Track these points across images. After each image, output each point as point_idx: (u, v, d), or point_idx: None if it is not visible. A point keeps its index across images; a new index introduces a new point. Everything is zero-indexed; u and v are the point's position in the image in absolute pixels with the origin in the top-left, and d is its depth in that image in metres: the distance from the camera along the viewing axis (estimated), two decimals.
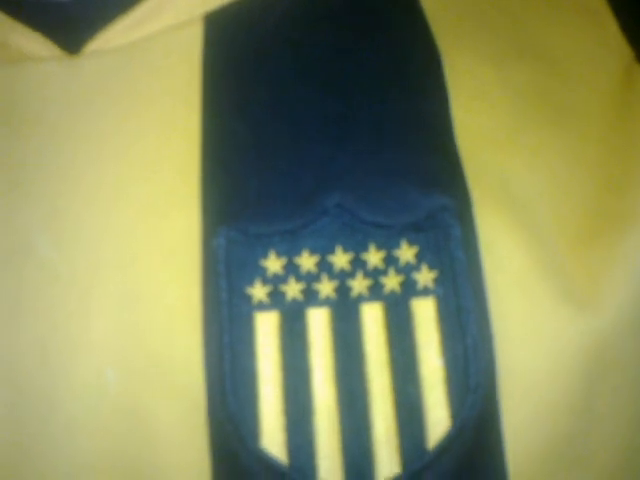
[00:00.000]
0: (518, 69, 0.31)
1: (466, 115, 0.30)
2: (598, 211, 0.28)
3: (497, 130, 0.30)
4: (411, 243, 0.28)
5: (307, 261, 0.28)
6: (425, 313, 0.27)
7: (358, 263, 0.28)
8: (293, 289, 0.28)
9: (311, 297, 0.28)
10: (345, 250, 0.28)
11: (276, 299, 0.28)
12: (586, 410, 0.27)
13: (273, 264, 0.28)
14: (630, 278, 0.27)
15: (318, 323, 0.27)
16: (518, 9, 0.33)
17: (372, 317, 0.27)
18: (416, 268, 0.28)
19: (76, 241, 0.29)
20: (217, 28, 0.32)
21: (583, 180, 0.29)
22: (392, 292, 0.28)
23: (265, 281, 0.28)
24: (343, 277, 0.28)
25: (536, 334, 0.27)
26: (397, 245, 0.28)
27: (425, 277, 0.28)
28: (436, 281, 0.27)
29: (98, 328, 0.28)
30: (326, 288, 0.28)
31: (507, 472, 0.27)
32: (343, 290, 0.28)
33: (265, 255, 0.28)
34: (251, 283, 0.28)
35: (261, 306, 0.28)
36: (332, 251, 0.28)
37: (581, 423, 0.27)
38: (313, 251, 0.28)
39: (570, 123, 0.30)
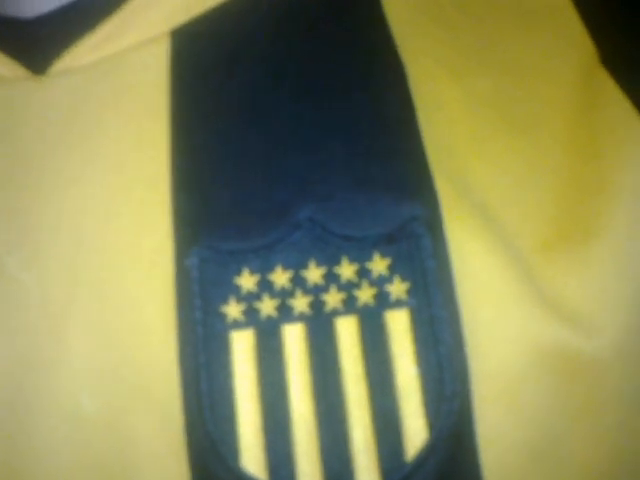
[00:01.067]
0: (481, 79, 0.31)
1: (431, 125, 0.30)
2: (565, 216, 0.29)
3: (461, 139, 0.30)
4: (383, 255, 0.28)
5: (281, 277, 0.28)
6: (399, 325, 0.27)
7: (331, 277, 0.28)
8: (267, 306, 0.28)
9: (286, 313, 0.28)
10: (318, 264, 0.28)
11: (251, 317, 0.28)
12: (561, 411, 0.28)
13: (247, 281, 0.28)
14: (598, 281, 0.27)
15: (293, 339, 0.27)
16: (483, 12, 0.33)
17: (347, 331, 0.28)
18: (389, 280, 0.28)
19: (47, 261, 0.29)
20: (184, 43, 0.32)
21: (548, 186, 0.29)
22: (366, 305, 0.28)
23: (239, 299, 0.28)
24: (317, 292, 0.28)
25: (507, 338, 0.27)
26: (369, 258, 0.28)
27: (398, 289, 0.28)
28: (409, 292, 0.28)
29: (74, 349, 0.28)
30: (300, 304, 0.28)
31: (482, 478, 0.27)
32: (317, 305, 0.28)
33: (239, 272, 0.28)
34: (225, 301, 0.28)
35: (236, 324, 0.28)
36: (305, 266, 0.28)
37: (556, 424, 0.28)
38: (286, 267, 0.28)
39: (534, 130, 0.30)
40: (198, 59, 0.31)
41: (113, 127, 0.31)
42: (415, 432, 0.27)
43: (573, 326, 0.27)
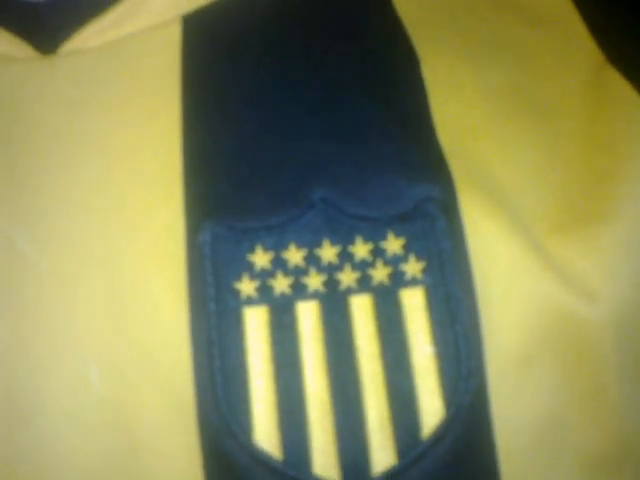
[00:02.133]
0: (493, 68, 0.31)
1: (444, 111, 0.30)
2: (577, 200, 0.29)
3: (475, 124, 0.30)
4: (398, 235, 0.28)
5: (294, 255, 0.28)
6: (414, 303, 0.27)
7: (346, 256, 0.28)
8: (281, 283, 0.27)
9: (300, 291, 0.27)
10: (332, 243, 0.28)
11: (264, 294, 0.27)
12: (567, 393, 0.28)
13: (260, 259, 0.28)
14: (608, 257, 0.28)
15: (308, 316, 0.27)
16: (490, 14, 0.33)
17: (361, 309, 0.27)
18: (404, 259, 0.28)
19: (55, 237, 0.28)
20: (195, 28, 0.32)
21: (562, 171, 0.29)
22: (380, 284, 0.27)
23: (253, 276, 0.28)
24: (331, 270, 0.28)
25: (521, 316, 0.27)
26: (384, 237, 0.28)
27: (413, 268, 0.28)
28: (424, 271, 0.27)
29: (82, 326, 0.27)
30: (314, 282, 0.27)
31: (497, 455, 0.27)
32: (331, 283, 0.27)
33: (252, 250, 0.28)
34: (239, 278, 0.27)
35: (249, 301, 0.27)
36: (319, 245, 0.28)
37: (562, 405, 0.28)
38: (300, 245, 0.28)
39: (548, 119, 0.30)
40: (209, 43, 0.31)
41: (123, 108, 0.30)
42: (431, 410, 0.26)
43: (590, 306, 0.27)
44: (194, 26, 0.32)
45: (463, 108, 0.30)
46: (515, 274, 0.27)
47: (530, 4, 0.34)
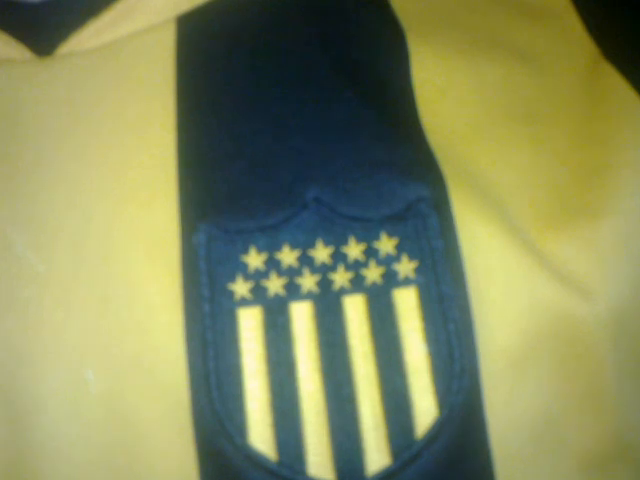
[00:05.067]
0: (490, 63, 0.31)
1: (434, 111, 0.30)
2: (571, 197, 0.29)
3: (465, 124, 0.30)
4: (390, 235, 0.28)
5: (288, 256, 0.28)
6: (407, 302, 0.27)
7: (339, 256, 0.28)
8: (275, 284, 0.28)
9: (293, 291, 0.27)
10: (325, 244, 0.28)
11: (258, 294, 0.27)
12: (562, 392, 0.28)
13: (254, 260, 0.28)
14: (602, 254, 0.28)
15: (301, 317, 0.27)
16: (487, 7, 0.33)
17: (355, 309, 0.27)
18: (396, 259, 0.28)
19: (54, 240, 0.28)
20: (190, 29, 0.32)
21: (554, 168, 0.29)
22: (374, 284, 0.28)
23: (247, 277, 0.28)
24: (324, 271, 0.28)
25: (514, 314, 0.27)
26: (377, 237, 0.28)
27: (406, 267, 0.28)
28: (417, 271, 0.28)
29: (77, 327, 0.28)
30: (308, 282, 0.28)
31: (491, 453, 0.27)
32: (325, 283, 0.28)
33: (246, 251, 0.28)
34: (233, 279, 0.28)
35: (243, 302, 0.27)
36: (313, 245, 0.28)
37: (557, 403, 0.28)
38: (294, 246, 0.28)
39: (539, 115, 0.30)
40: (203, 44, 0.32)
41: (118, 108, 0.30)
42: (425, 410, 0.26)
43: (582, 305, 0.27)
44: (188, 27, 0.32)
45: (454, 108, 0.30)
46: (508, 273, 0.27)
47: (528, 1, 0.34)
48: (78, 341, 0.27)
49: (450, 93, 0.31)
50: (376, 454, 0.26)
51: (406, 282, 0.27)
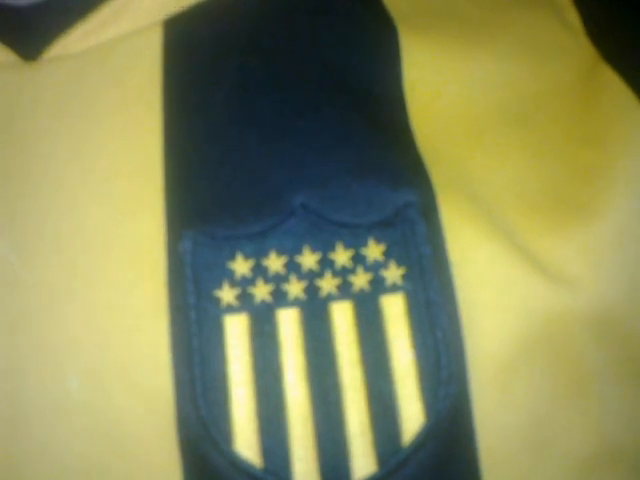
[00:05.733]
0: (486, 58, 0.31)
1: (424, 115, 0.30)
2: (565, 200, 0.29)
3: (458, 125, 0.30)
4: (378, 241, 0.28)
5: (275, 262, 0.28)
6: (394, 309, 0.27)
7: (326, 263, 0.28)
8: (262, 291, 0.27)
9: (280, 298, 0.27)
10: (313, 250, 0.28)
11: (245, 301, 0.27)
12: (550, 396, 0.28)
13: (240, 266, 0.28)
14: (598, 265, 0.28)
15: (288, 324, 0.27)
16: (485, 0, 0.33)
17: (342, 316, 0.27)
18: (384, 265, 0.28)
19: (37, 245, 0.28)
20: (176, 32, 0.32)
21: (549, 171, 0.29)
22: (361, 290, 0.27)
23: (233, 284, 0.28)
24: (312, 277, 0.28)
25: (503, 320, 0.27)
26: (364, 244, 0.28)
27: (393, 274, 0.28)
28: (404, 277, 0.27)
29: (61, 335, 0.27)
30: (295, 289, 0.28)
31: (479, 461, 0.27)
32: (312, 290, 0.28)
33: (232, 257, 0.28)
34: (219, 286, 0.27)
35: (230, 309, 0.27)
36: (300, 252, 0.28)
37: (545, 409, 0.28)
38: (280, 252, 0.28)
39: (535, 114, 0.30)
40: (190, 48, 0.31)
41: (105, 114, 0.30)
42: (412, 416, 0.26)
43: (574, 309, 0.27)
44: (175, 30, 0.32)
45: (445, 110, 0.30)
46: (496, 278, 0.27)
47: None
48: (62, 348, 0.27)
49: (442, 94, 0.30)
50: (362, 460, 0.26)
51: (394, 289, 0.27)
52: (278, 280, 0.28)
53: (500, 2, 0.33)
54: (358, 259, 0.28)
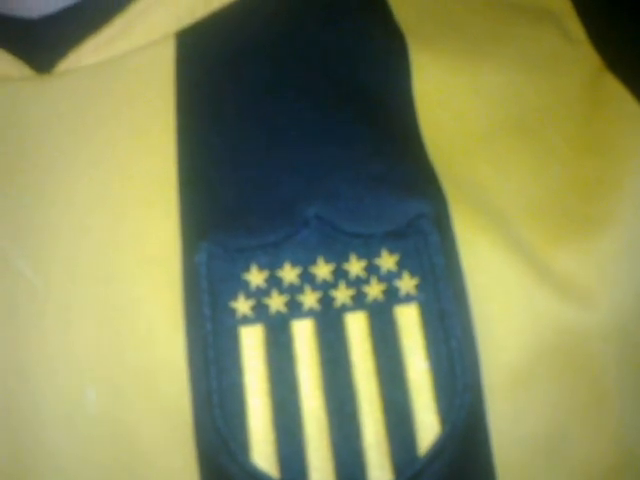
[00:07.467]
0: (493, 70, 0.31)
1: (435, 125, 0.30)
2: (573, 209, 0.29)
3: (468, 136, 0.30)
4: (392, 251, 0.28)
5: (289, 273, 0.28)
6: (409, 319, 0.27)
7: (340, 273, 0.28)
8: (276, 302, 0.28)
9: (295, 309, 0.28)
10: (327, 261, 0.28)
11: (260, 312, 0.28)
12: (566, 406, 0.28)
13: (255, 277, 0.28)
14: (604, 263, 0.28)
15: (303, 335, 0.27)
16: (490, 12, 0.33)
17: (356, 326, 0.27)
18: (398, 276, 0.28)
19: (52, 255, 0.28)
20: (189, 44, 0.32)
21: (556, 181, 0.29)
22: (375, 301, 0.28)
23: (248, 295, 0.28)
24: (326, 288, 0.28)
25: (517, 330, 0.27)
26: (378, 254, 0.28)
27: (407, 284, 0.28)
28: (418, 287, 0.28)
29: (77, 345, 0.28)
30: (309, 299, 0.28)
31: (494, 471, 0.27)
32: (326, 301, 0.28)
33: (247, 269, 0.28)
34: (234, 297, 0.28)
35: (245, 320, 0.27)
36: (314, 262, 0.28)
37: (561, 419, 0.28)
38: (295, 263, 0.28)
39: (542, 125, 0.30)
40: (203, 61, 0.32)
41: (118, 126, 0.31)
42: (427, 426, 0.27)
43: (586, 319, 0.27)
44: (188, 42, 0.32)
45: (455, 121, 0.30)
46: (509, 289, 0.28)
47: (530, 5, 0.34)
48: (78, 359, 0.27)
49: (451, 105, 0.31)
50: (378, 471, 0.26)
51: (407, 299, 0.28)
52: (293, 291, 0.28)
53: (503, 15, 0.33)
54: (372, 269, 0.28)
